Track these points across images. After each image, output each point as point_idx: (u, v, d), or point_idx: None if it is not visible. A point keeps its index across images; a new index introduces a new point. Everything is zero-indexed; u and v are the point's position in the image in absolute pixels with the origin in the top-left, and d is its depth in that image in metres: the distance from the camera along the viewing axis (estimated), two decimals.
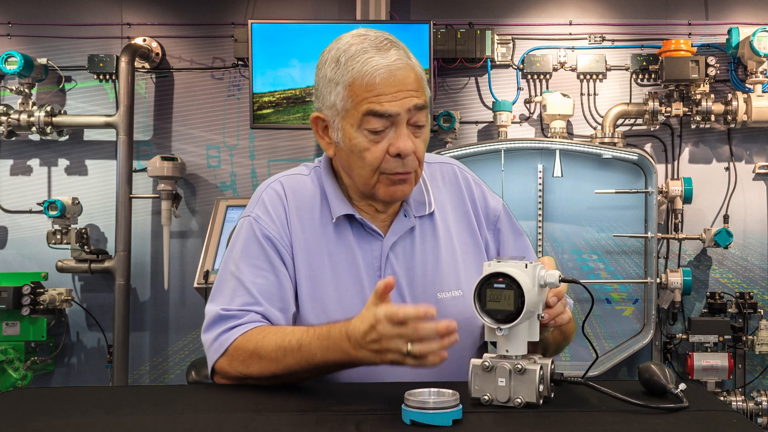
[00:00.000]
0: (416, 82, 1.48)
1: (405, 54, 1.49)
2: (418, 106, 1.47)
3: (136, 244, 4.17)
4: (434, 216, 1.61)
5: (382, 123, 1.46)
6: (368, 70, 1.45)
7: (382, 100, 1.45)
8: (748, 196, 4.12)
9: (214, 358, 1.50)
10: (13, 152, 4.31)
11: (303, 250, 1.54)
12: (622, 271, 4.06)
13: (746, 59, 3.89)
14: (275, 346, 1.41)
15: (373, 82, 1.44)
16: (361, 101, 1.46)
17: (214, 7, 4.27)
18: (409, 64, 1.48)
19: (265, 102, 3.91)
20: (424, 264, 1.57)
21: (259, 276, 1.51)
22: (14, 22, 4.28)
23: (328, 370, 1.40)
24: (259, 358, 1.43)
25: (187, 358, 4.23)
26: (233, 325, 1.49)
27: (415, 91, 1.47)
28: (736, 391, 3.93)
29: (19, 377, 3.91)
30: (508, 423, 1.17)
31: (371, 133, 1.47)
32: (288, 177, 1.63)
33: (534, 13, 4.19)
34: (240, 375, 1.46)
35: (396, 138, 1.46)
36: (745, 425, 1.20)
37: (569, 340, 1.59)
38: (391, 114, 1.45)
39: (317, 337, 1.38)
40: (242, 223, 1.58)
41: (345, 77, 1.47)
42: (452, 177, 1.68)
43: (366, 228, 1.57)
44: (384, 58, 1.45)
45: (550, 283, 1.28)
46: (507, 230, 1.67)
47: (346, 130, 1.49)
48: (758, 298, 4.04)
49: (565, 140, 3.92)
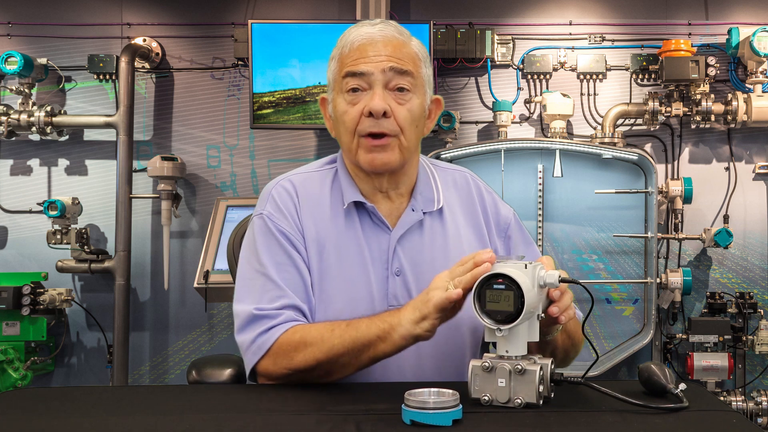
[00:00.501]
0: (398, 49, 1.52)
1: (395, 29, 1.54)
2: (396, 68, 1.50)
3: (136, 244, 4.17)
4: (443, 214, 1.62)
5: (357, 82, 1.50)
6: (352, 38, 1.53)
7: (359, 62, 1.50)
8: (748, 196, 4.12)
9: (254, 360, 1.48)
10: (13, 152, 4.31)
11: (314, 242, 1.55)
12: (622, 271, 4.06)
13: (746, 59, 3.89)
14: (322, 329, 1.43)
15: (353, 47, 1.52)
16: (343, 67, 1.53)
17: (214, 7, 4.27)
18: (395, 36, 1.53)
19: (265, 102, 3.91)
20: (432, 259, 1.58)
21: (283, 271, 1.52)
22: (14, 22, 4.29)
23: (368, 349, 1.39)
24: (305, 346, 1.42)
25: (187, 358, 4.23)
26: (271, 326, 1.47)
27: (396, 58, 1.51)
28: (736, 391, 3.93)
29: (19, 377, 3.91)
30: (508, 423, 1.17)
31: (349, 94, 1.52)
32: (296, 174, 1.64)
33: (534, 13, 4.19)
34: (285, 371, 1.45)
35: (370, 98, 1.50)
36: (745, 425, 1.20)
37: (577, 346, 1.57)
38: (364, 72, 1.50)
39: (367, 317, 1.42)
40: (255, 221, 1.59)
41: (337, 52, 1.56)
42: (464, 184, 1.69)
43: (375, 219, 1.57)
44: (371, 28, 1.53)
45: (550, 283, 1.28)
46: (518, 238, 1.68)
47: (334, 100, 1.56)
48: (758, 298, 4.04)
49: (565, 140, 3.92)
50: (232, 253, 1.88)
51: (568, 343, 1.53)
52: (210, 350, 4.24)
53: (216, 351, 4.22)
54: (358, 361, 1.41)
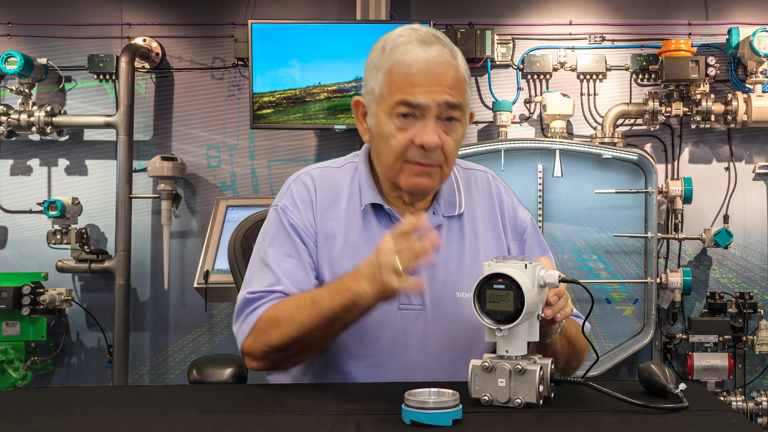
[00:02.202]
0: (454, 81, 1.49)
1: (449, 52, 1.50)
2: (450, 103, 1.48)
3: (136, 244, 4.17)
4: (463, 218, 1.62)
5: (410, 110, 1.48)
6: (407, 60, 1.48)
7: (415, 91, 1.47)
8: (748, 196, 4.12)
9: (241, 340, 1.52)
10: (13, 152, 4.31)
11: (328, 239, 1.56)
12: (622, 271, 4.06)
13: (746, 59, 3.89)
14: (291, 306, 1.45)
15: (409, 72, 1.47)
16: (396, 90, 1.49)
17: (214, 7, 4.27)
18: (450, 62, 1.50)
19: (265, 102, 3.91)
20: (447, 262, 1.58)
21: (285, 261, 1.54)
22: (14, 22, 4.28)
23: (336, 322, 1.42)
24: (278, 323, 1.45)
25: (187, 358, 4.23)
26: (259, 305, 1.51)
27: (450, 89, 1.48)
28: (736, 391, 3.93)
29: (19, 377, 3.91)
30: (508, 423, 1.17)
31: (400, 120, 1.49)
32: (318, 169, 1.65)
33: (534, 13, 4.19)
34: (264, 349, 1.48)
35: (423, 129, 1.48)
36: (745, 425, 1.20)
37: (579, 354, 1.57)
38: (421, 105, 1.47)
39: (327, 287, 1.44)
40: (270, 213, 1.62)
41: (386, 64, 1.50)
42: (485, 185, 1.69)
43: (393, 220, 1.58)
44: (425, 52, 1.48)
45: (550, 283, 1.28)
46: (533, 243, 1.68)
47: (378, 116, 1.52)
48: (758, 298, 4.04)
49: (565, 140, 3.92)
50: (233, 253, 1.88)
51: (568, 349, 1.52)
52: (210, 350, 4.24)
53: (216, 351, 4.22)
54: (331, 332, 1.45)
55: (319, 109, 3.89)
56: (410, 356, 1.53)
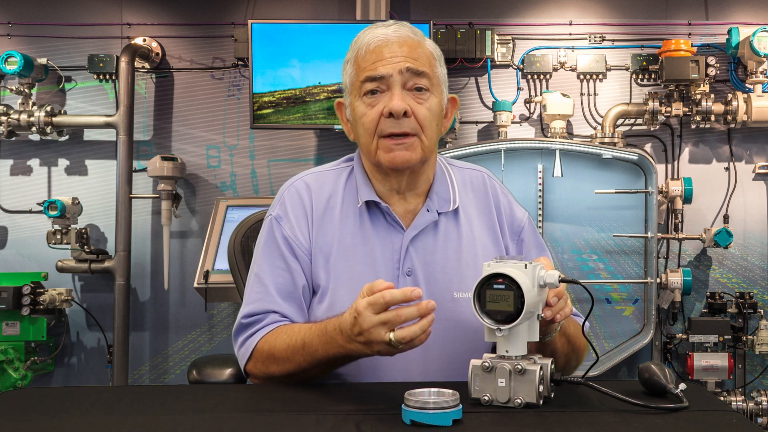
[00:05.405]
0: (414, 50, 1.53)
1: (409, 29, 1.55)
2: (413, 69, 1.51)
3: (136, 244, 4.17)
4: (459, 215, 1.62)
5: (376, 85, 1.51)
6: (368, 40, 1.53)
7: (378, 66, 1.51)
8: (748, 196, 4.12)
9: (243, 364, 1.56)
10: (13, 152, 4.31)
11: (323, 244, 1.57)
12: (622, 271, 4.06)
13: (746, 59, 3.89)
14: (285, 347, 1.45)
15: (369, 49, 1.53)
16: (361, 71, 1.53)
17: (214, 7, 4.27)
18: (410, 36, 1.54)
19: (265, 102, 3.91)
20: (444, 261, 1.58)
21: (277, 275, 1.55)
22: (14, 22, 4.29)
23: (333, 364, 1.43)
24: (275, 360, 1.47)
25: (187, 358, 4.23)
26: (254, 331, 1.53)
27: (412, 58, 1.52)
28: (736, 391, 3.93)
29: (19, 377, 3.91)
30: (508, 423, 1.17)
31: (368, 97, 1.52)
32: (311, 174, 1.66)
33: (534, 13, 4.19)
34: (265, 376, 1.51)
35: (389, 98, 1.50)
36: (745, 425, 1.20)
37: (579, 353, 1.57)
38: (383, 75, 1.50)
39: (317, 334, 1.41)
40: (265, 222, 1.63)
41: (352, 55, 1.56)
42: (481, 185, 1.69)
43: (389, 219, 1.58)
44: (385, 30, 1.54)
45: (550, 283, 1.28)
46: (530, 242, 1.67)
47: (352, 103, 1.56)
48: (758, 298, 4.04)
49: (565, 140, 3.92)
50: (233, 253, 1.88)
51: (567, 348, 1.52)
52: (210, 350, 4.24)
53: (216, 351, 4.22)
54: (331, 370, 1.46)
55: (319, 109, 3.89)
56: (410, 356, 1.52)
